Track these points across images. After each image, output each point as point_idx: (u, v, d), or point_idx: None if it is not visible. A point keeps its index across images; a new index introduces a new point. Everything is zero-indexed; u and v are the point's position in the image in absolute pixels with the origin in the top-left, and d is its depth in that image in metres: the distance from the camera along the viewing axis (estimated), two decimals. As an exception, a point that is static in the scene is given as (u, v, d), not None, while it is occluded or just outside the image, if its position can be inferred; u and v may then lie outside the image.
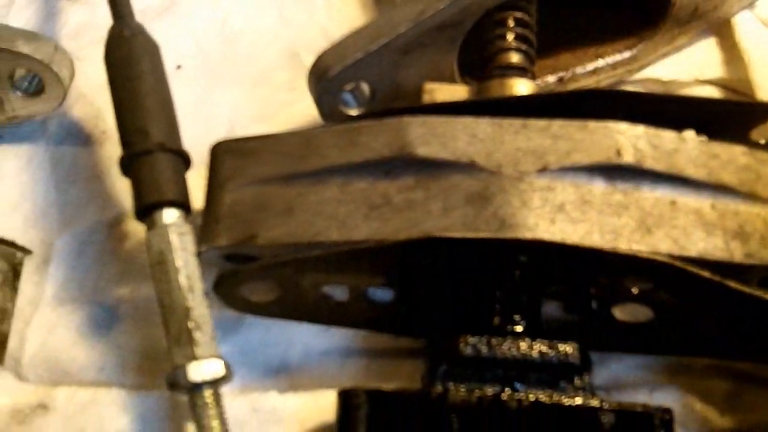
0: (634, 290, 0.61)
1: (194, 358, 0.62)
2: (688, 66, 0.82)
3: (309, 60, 0.78)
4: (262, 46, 0.87)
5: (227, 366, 0.63)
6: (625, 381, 0.69)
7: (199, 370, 0.62)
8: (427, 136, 0.60)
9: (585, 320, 0.64)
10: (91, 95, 0.83)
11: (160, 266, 0.64)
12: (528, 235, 0.58)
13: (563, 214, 0.58)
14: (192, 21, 0.88)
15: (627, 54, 0.79)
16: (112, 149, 0.80)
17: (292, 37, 0.87)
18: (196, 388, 0.62)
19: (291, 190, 0.63)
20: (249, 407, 0.68)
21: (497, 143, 0.60)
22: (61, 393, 0.69)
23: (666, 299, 0.62)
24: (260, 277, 0.65)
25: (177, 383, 0.62)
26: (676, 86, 0.81)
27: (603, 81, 0.80)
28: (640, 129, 0.60)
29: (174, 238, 0.65)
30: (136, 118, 0.68)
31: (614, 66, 0.79)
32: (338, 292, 0.66)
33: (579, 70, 0.78)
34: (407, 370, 0.69)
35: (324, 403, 0.67)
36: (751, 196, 0.61)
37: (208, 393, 0.62)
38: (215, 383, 0.63)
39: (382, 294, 0.66)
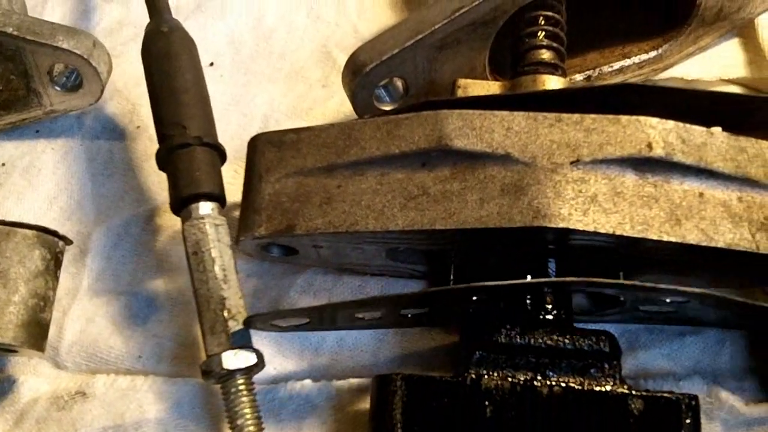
0: (668, 300, 0.63)
1: (228, 346, 0.64)
2: (713, 65, 0.83)
3: (341, 57, 0.80)
4: (294, 43, 0.89)
5: (259, 355, 0.65)
6: (652, 370, 0.70)
7: (233, 359, 0.64)
8: (464, 129, 0.62)
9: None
10: (126, 91, 0.85)
11: (195, 257, 0.66)
12: (561, 224, 0.59)
13: (596, 205, 0.60)
14: (225, 19, 0.90)
15: (653, 53, 0.80)
16: (146, 144, 0.82)
17: (324, 35, 0.89)
18: (229, 375, 0.64)
19: (330, 180, 0.64)
20: (284, 395, 0.69)
21: (532, 136, 0.61)
22: (99, 380, 0.71)
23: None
24: (294, 315, 0.67)
25: (211, 371, 0.64)
26: (700, 85, 0.82)
27: (629, 80, 0.81)
28: (670, 123, 0.61)
29: (210, 229, 0.66)
30: (174, 112, 0.70)
31: (640, 65, 0.80)
32: (371, 314, 0.68)
33: (606, 68, 0.80)
34: (439, 360, 0.71)
35: (357, 392, 0.69)
36: (777, 188, 0.62)
37: (241, 381, 0.64)
38: (248, 371, 0.64)
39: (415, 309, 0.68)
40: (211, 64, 0.86)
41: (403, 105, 0.73)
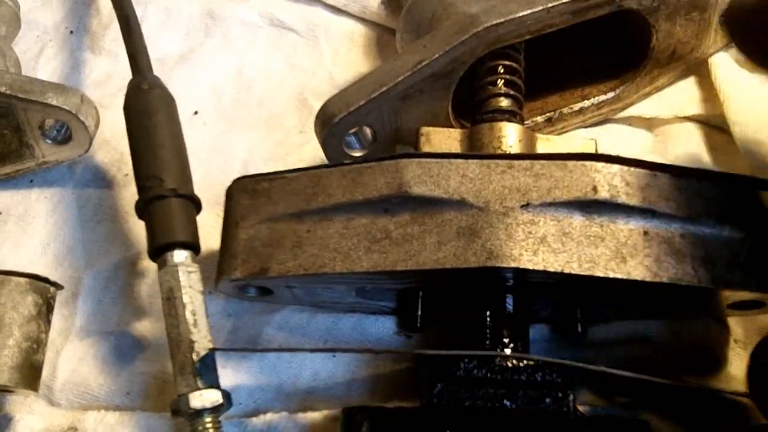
0: None
1: (196, 387, 0.67)
2: (669, 104, 0.87)
3: (317, 104, 0.84)
4: (273, 91, 0.93)
5: (226, 395, 0.69)
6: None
7: (200, 399, 0.67)
8: (423, 176, 0.66)
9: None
10: (114, 141, 0.89)
11: (168, 302, 0.70)
12: (513, 264, 0.63)
13: (545, 245, 0.64)
14: (208, 69, 0.95)
15: (611, 94, 0.85)
16: (134, 191, 0.84)
17: (301, 83, 0.94)
18: (196, 414, 0.67)
19: (300, 226, 0.68)
20: (263, 426, 0.73)
21: (485, 182, 0.65)
22: (90, 417, 0.75)
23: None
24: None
25: (179, 410, 0.68)
26: (657, 123, 0.87)
27: (589, 120, 0.86)
28: (614, 167, 0.65)
29: (182, 276, 0.70)
30: (151, 165, 0.73)
31: (599, 106, 0.85)
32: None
33: (566, 110, 0.84)
34: (408, 393, 0.74)
35: (331, 423, 0.73)
36: (717, 226, 0.66)
37: (208, 419, 0.68)
38: (214, 410, 0.68)
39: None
40: (196, 112, 0.91)
41: (372, 150, 0.77)
